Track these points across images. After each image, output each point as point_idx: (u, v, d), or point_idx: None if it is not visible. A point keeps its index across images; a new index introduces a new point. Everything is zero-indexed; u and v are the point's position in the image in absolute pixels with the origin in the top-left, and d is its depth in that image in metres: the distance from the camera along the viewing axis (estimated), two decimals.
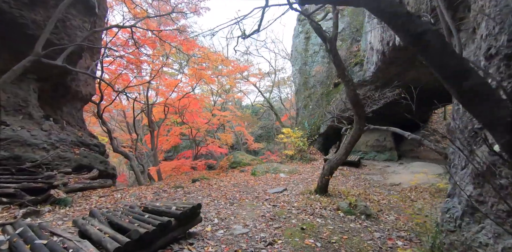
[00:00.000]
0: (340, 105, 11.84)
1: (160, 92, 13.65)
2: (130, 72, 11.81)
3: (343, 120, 10.27)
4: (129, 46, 11.28)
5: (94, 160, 7.42)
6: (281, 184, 7.24)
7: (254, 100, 24.87)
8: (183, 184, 7.52)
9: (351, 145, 5.86)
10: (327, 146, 15.36)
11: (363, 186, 7.35)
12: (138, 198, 5.41)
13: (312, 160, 11.89)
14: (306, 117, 14.62)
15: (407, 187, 7.21)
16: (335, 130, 13.39)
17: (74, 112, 9.31)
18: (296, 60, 16.47)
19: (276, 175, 8.39)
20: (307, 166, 10.88)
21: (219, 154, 16.93)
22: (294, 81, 16.88)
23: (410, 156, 13.84)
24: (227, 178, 8.36)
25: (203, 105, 15.90)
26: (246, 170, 9.47)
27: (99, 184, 6.92)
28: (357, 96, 5.57)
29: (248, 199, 5.51)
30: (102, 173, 7.61)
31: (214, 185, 6.99)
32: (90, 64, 9.71)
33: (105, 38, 10.58)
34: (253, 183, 7.42)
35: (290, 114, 20.96)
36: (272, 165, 9.29)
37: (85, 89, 9.46)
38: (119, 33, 10.88)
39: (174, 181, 8.70)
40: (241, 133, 19.58)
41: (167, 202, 3.81)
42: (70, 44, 6.14)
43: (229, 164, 10.47)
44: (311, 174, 8.89)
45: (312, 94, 14.52)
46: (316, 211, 4.78)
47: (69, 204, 4.83)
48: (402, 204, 5.69)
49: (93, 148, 7.88)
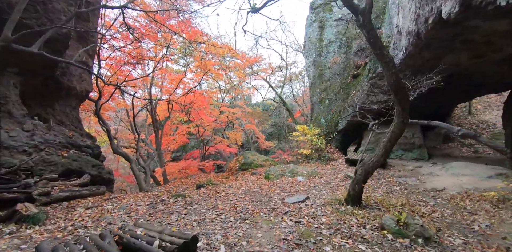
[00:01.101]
0: (362, 98, 10.55)
1: (164, 89, 12.73)
2: (131, 67, 10.91)
3: (367, 115, 9.02)
4: (129, 39, 10.39)
5: (85, 163, 6.52)
6: (301, 191, 6.11)
7: (265, 97, 23.73)
8: (186, 190, 6.52)
9: (391, 143, 4.65)
10: (345, 144, 14.07)
11: (399, 192, 6.11)
12: (127, 212, 4.42)
13: (331, 160, 10.67)
14: (323, 113, 13.37)
15: (454, 193, 5.91)
16: (355, 126, 12.09)
17: (68, 111, 8.48)
18: (309, 51, 15.19)
19: (294, 178, 7.26)
20: (327, 167, 9.68)
21: (228, 153, 15.93)
22: (308, 74, 15.62)
23: (439, 154, 12.39)
24: (237, 182, 7.30)
25: (210, 102, 14.91)
26: (258, 173, 8.40)
27: (89, 191, 6.01)
28: (400, 82, 4.35)
29: (263, 212, 4.42)
30: (96, 178, 6.71)
31: (222, 192, 5.94)
32: (85, 59, 8.88)
33: (101, 30, 9.71)
34: (268, 189, 6.32)
35: (303, 110, 19.70)
36: (288, 167, 8.16)
37: (80, 85, 8.61)
38: (116, 25, 9.96)
39: (178, 186, 7.73)
40: (251, 131, 18.50)
41: (153, 227, 2.77)
42: (47, 27, 5.20)
43: (239, 165, 9.42)
44: (333, 177, 7.70)
45: (329, 88, 13.24)
46: (354, 230, 3.63)
47: (40, 222, 3.88)
48: (461, 218, 4.44)
49: (85, 150, 6.99)
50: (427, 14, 6.34)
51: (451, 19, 5.34)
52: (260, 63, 17.87)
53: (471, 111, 16.50)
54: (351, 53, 13.79)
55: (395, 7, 9.56)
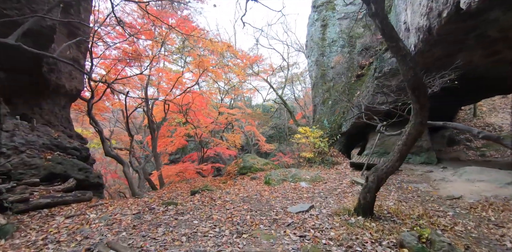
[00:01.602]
0: (368, 98, 10.06)
1: (161, 89, 12.26)
2: (126, 65, 10.45)
3: (374, 116, 8.53)
4: (124, 36, 9.96)
5: (71, 167, 6.03)
6: (305, 198, 5.59)
7: (265, 98, 23.25)
8: (180, 196, 6.02)
9: (407, 146, 4.14)
10: (349, 147, 13.56)
11: (413, 200, 5.58)
12: (109, 224, 3.90)
13: (334, 164, 10.14)
14: (326, 114, 12.88)
15: (474, 202, 5.39)
16: (359, 128, 11.59)
17: (58, 110, 8.01)
18: (312, 51, 14.75)
19: (296, 184, 6.75)
20: (331, 171, 9.16)
21: (227, 156, 15.40)
22: (310, 74, 15.17)
23: (447, 157, 11.88)
24: (235, 188, 6.78)
25: (209, 102, 14.43)
26: (258, 177, 7.88)
27: (74, 197, 5.51)
28: (418, 77, 3.85)
29: (263, 224, 3.90)
30: (83, 183, 6.21)
31: (218, 199, 5.42)
32: (76, 56, 8.44)
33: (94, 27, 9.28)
34: (268, 195, 5.80)
35: (305, 112, 19.20)
36: (290, 171, 7.64)
37: (70, 83, 8.16)
38: (111, 21, 9.53)
39: (172, 191, 7.21)
40: (251, 133, 17.97)
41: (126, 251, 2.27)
42: (26, 16, 4.75)
43: (238, 169, 8.90)
44: (338, 182, 7.18)
45: (332, 88, 12.76)
46: (369, 248, 3.12)
47: (8, 235, 3.38)
48: (487, 231, 3.92)
49: (72, 152, 6.50)
50: (441, 7, 5.87)
51: (471, 10, 4.87)
52: (260, 63, 17.45)
53: (476, 114, 16.01)
54: (354, 53, 13.36)
55: (403, 2, 9.11)
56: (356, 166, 9.33)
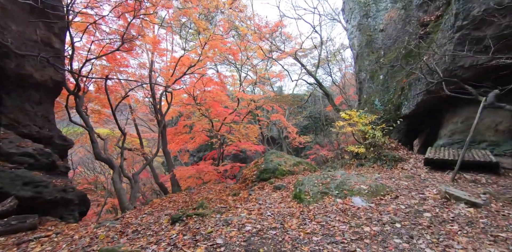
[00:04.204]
0: (445, 61, 6.68)
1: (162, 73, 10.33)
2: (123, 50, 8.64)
3: (465, 85, 5.35)
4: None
5: (10, 180, 4.25)
6: (368, 238, 2.92)
7: (297, 82, 20.06)
8: (154, 225, 3.84)
9: None
10: (411, 136, 10.16)
11: None
12: None
13: (397, 161, 7.07)
14: (376, 93, 9.65)
15: None
16: (433, 106, 8.14)
17: (29, 107, 6.47)
18: (352, 13, 11.39)
19: (346, 200, 4.07)
20: (395, 173, 6.18)
21: (253, 152, 13.09)
22: (351, 43, 11.85)
23: None
24: (245, 208, 4.35)
25: (225, 89, 12.15)
26: (284, 186, 5.35)
27: (4, 227, 3.70)
28: None
29: None
30: (33, 202, 4.44)
31: (204, 241, 3.03)
32: (46, 38, 6.80)
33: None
34: (297, 229, 3.26)
35: (345, 96, 15.80)
36: (334, 177, 4.91)
37: (41, 73, 6.57)
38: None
39: (152, 212, 5.04)
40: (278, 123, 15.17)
41: None
42: None
43: (258, 173, 6.43)
44: (418, 197, 4.28)
45: (383, 57, 9.42)
46: None
47: None
48: None
49: (20, 160, 4.75)
50: None
51: None
52: (284, 31, 14.16)
53: None
54: (412, 7, 9.77)
55: None
56: (435, 164, 6.20)
